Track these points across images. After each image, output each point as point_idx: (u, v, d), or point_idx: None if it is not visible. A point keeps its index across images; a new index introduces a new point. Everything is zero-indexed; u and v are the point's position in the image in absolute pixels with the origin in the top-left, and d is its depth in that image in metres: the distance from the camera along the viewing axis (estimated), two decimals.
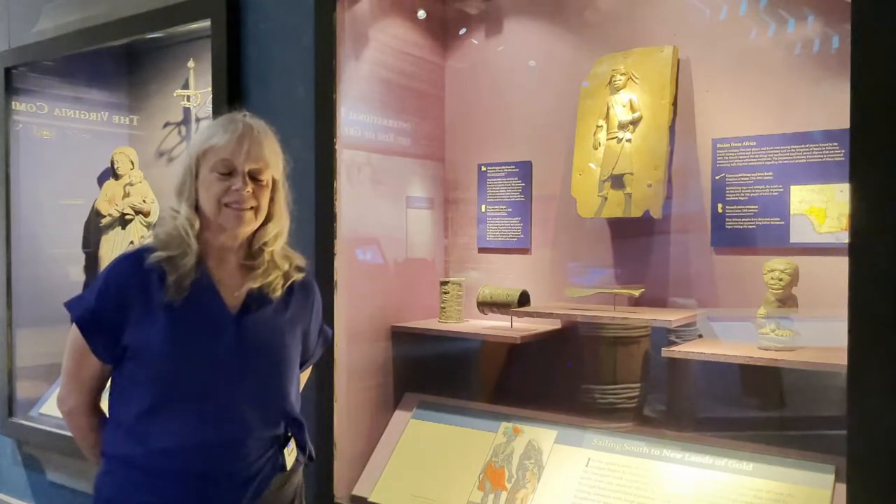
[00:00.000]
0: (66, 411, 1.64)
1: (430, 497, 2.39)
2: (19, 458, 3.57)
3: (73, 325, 1.57)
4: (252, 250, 1.63)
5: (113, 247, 3.71)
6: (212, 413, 1.53)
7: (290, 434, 1.67)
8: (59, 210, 3.82)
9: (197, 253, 1.55)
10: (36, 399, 3.55)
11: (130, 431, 1.54)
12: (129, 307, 1.53)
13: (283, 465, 1.64)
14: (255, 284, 1.61)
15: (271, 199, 1.62)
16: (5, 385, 3.52)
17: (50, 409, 3.48)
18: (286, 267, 1.67)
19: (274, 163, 1.61)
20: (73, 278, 3.81)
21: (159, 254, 1.54)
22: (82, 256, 3.84)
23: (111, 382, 1.61)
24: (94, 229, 3.81)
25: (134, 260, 1.56)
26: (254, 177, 1.57)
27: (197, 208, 1.58)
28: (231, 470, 1.55)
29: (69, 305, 1.59)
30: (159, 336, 1.51)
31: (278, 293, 1.64)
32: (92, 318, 1.54)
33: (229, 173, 1.55)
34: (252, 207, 1.56)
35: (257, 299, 1.62)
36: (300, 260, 1.73)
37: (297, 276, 1.70)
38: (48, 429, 3.34)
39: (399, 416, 2.70)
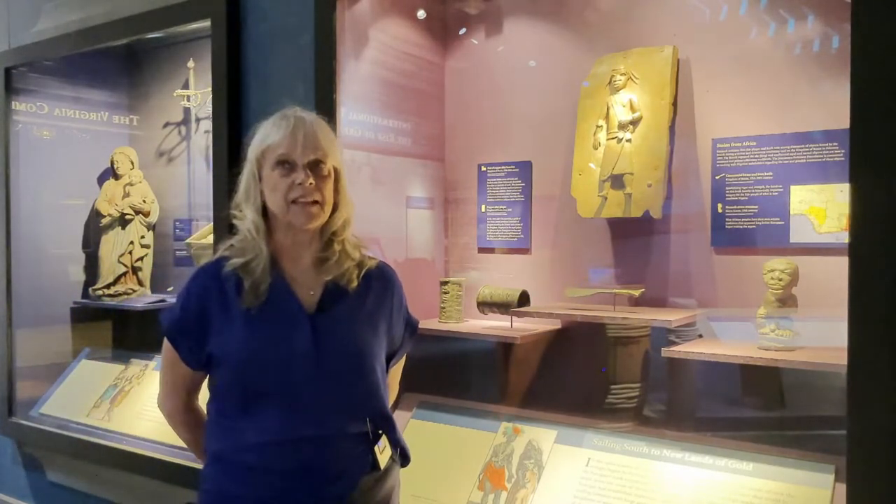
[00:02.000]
0: (165, 413, 1.74)
1: (430, 497, 2.39)
2: (19, 458, 3.57)
3: None
4: (323, 242, 1.64)
5: (113, 247, 3.72)
6: (293, 411, 1.55)
7: (379, 431, 1.64)
8: (59, 210, 3.81)
9: (268, 256, 1.58)
10: (36, 399, 3.54)
11: (222, 428, 1.60)
12: (210, 316, 1.58)
13: (375, 464, 1.61)
14: (329, 276, 1.62)
15: (335, 189, 1.62)
16: (5, 385, 3.51)
17: (50, 409, 3.48)
18: (358, 256, 1.67)
19: (332, 152, 1.61)
20: (73, 278, 3.80)
21: (234, 261, 1.59)
22: (82, 256, 3.84)
23: (207, 382, 1.68)
24: (94, 229, 3.82)
25: (212, 270, 1.62)
26: (314, 168, 1.57)
27: (264, 212, 1.60)
28: (315, 466, 1.55)
29: (161, 315, 1.67)
30: (237, 342, 1.56)
31: (354, 283, 1.64)
32: (177, 328, 1.63)
33: (290, 167, 1.56)
34: (316, 202, 1.56)
35: (334, 294, 1.62)
36: (366, 247, 1.73)
37: (371, 263, 1.70)
38: (48, 429, 3.33)
39: (399, 416, 2.69)
